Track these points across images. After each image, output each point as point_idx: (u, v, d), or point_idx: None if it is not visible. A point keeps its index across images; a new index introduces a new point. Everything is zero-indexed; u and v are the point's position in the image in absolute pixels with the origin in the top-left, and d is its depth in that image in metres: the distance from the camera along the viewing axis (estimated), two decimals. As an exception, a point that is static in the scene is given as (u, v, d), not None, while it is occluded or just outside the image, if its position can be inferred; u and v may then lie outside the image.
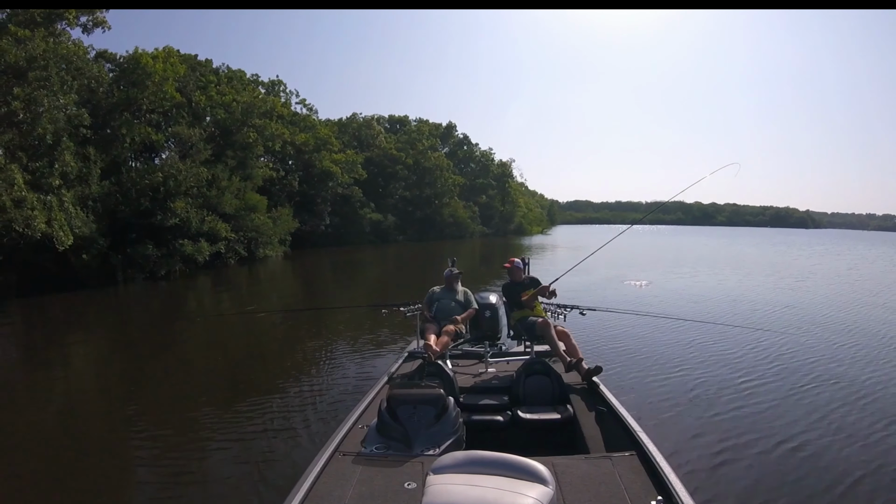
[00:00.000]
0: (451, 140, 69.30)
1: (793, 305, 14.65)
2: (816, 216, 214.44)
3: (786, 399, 6.89)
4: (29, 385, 8.75)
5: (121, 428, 6.42)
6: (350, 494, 2.94)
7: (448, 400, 3.74)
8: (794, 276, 23.50)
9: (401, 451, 3.43)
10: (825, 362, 8.65)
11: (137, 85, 21.90)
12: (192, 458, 5.51)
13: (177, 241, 22.27)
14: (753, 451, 5.34)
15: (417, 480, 3.00)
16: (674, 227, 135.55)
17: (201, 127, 26.75)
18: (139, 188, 21.67)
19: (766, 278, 22.36)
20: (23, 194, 15.28)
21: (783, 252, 42.15)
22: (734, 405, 6.63)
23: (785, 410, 6.49)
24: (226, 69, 34.91)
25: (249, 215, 28.32)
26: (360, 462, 3.33)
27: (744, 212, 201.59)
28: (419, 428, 3.54)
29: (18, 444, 5.99)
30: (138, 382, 8.42)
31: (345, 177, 42.78)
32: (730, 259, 34.05)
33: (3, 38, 16.02)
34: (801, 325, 11.80)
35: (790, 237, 78.55)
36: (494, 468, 2.22)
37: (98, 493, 4.87)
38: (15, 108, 15.50)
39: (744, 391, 7.17)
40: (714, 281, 20.77)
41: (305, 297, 19.47)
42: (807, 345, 9.87)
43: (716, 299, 15.67)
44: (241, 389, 7.75)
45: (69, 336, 12.51)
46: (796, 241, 66.22)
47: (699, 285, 19.19)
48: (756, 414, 6.36)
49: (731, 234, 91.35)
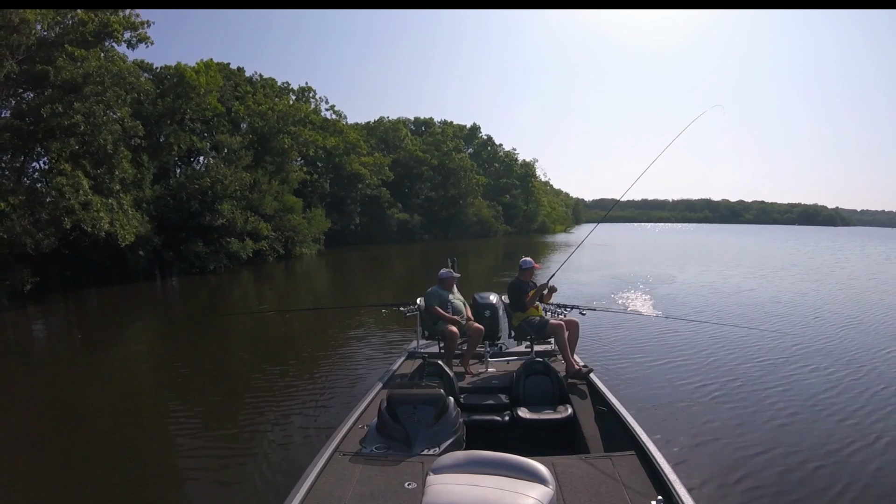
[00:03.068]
0: (475, 141, 69.70)
1: (798, 305, 14.18)
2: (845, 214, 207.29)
3: (787, 399, 6.70)
4: (92, 364, 9.61)
5: (120, 426, 6.36)
6: (350, 494, 2.92)
7: (448, 400, 3.72)
8: (801, 274, 22.60)
9: (401, 451, 3.40)
10: (829, 364, 8.31)
11: (182, 97, 23.18)
12: (191, 458, 5.40)
13: (223, 239, 23.72)
14: (754, 450, 5.23)
15: (417, 480, 2.99)
16: (699, 226, 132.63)
17: (240, 134, 28.46)
18: (189, 192, 23.22)
19: (772, 275, 21.79)
20: (89, 198, 16.58)
21: (798, 251, 40.59)
22: (734, 405, 6.49)
23: (786, 411, 6.31)
24: (258, 77, 36.36)
25: (287, 216, 29.59)
26: (360, 462, 3.29)
27: (771, 210, 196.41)
28: (419, 428, 3.52)
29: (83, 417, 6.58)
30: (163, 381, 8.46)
31: (373, 179, 43.83)
32: (740, 257, 33.06)
33: (60, 56, 17.27)
34: (803, 326, 11.38)
35: (816, 235, 75.85)
36: (494, 468, 2.21)
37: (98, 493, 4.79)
38: (77, 121, 16.69)
39: (744, 391, 7.00)
40: (719, 279, 20.15)
41: (335, 291, 20.33)
42: (810, 345, 9.54)
43: (719, 299, 15.23)
44: (240, 388, 7.63)
45: (123, 324, 13.61)
46: (816, 238, 64.05)
47: (704, 284, 18.61)
48: (756, 414, 6.21)
49: (757, 232, 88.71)
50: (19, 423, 6.57)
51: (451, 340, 5.58)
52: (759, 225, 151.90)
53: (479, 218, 59.88)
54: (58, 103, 16.64)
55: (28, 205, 15.82)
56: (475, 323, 5.85)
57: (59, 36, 17.91)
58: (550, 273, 6.12)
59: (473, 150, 69.06)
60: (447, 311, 5.89)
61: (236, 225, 24.53)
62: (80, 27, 18.22)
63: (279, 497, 3.04)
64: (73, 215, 16.03)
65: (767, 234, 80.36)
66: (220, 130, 27.58)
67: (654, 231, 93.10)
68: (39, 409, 7.10)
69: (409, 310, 6.28)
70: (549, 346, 6.11)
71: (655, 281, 18.99)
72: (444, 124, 64.92)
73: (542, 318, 5.80)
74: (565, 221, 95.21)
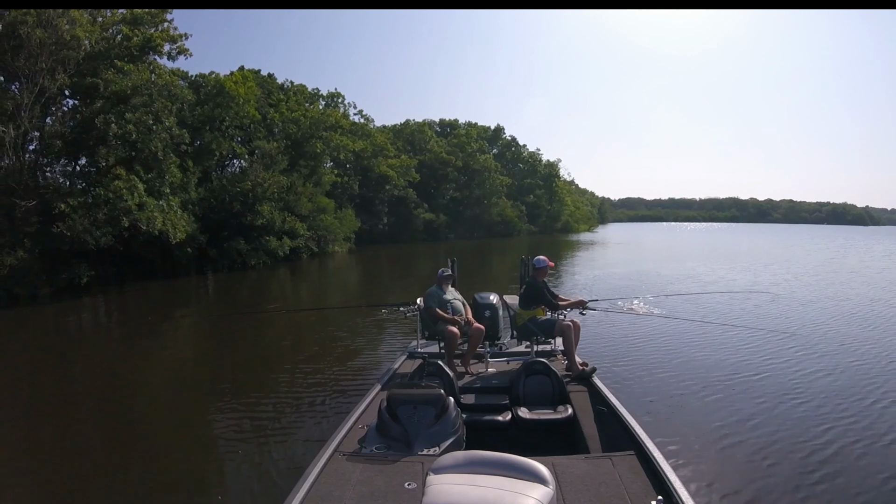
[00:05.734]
0: (499, 142, 69.81)
1: (803, 305, 13.70)
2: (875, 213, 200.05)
3: (788, 400, 6.54)
4: (144, 349, 10.39)
5: (120, 426, 6.33)
6: (350, 494, 2.88)
7: (448, 400, 3.68)
8: (812, 273, 21.94)
9: (401, 451, 3.37)
10: (834, 366, 8.03)
11: (221, 106, 24.61)
12: (190, 458, 5.34)
13: (263, 237, 25.08)
14: (754, 450, 5.13)
15: (417, 480, 2.96)
16: (727, 225, 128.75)
17: (275, 139, 29.69)
18: (232, 194, 24.72)
19: (781, 275, 20.94)
20: (143, 199, 17.90)
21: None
22: (735, 405, 6.35)
23: (787, 411, 6.17)
24: (289, 84, 37.67)
25: (320, 216, 30.88)
26: (360, 462, 3.25)
27: (800, 208, 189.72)
28: (419, 428, 3.48)
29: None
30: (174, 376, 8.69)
31: (400, 180, 44.73)
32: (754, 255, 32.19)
33: (107, 69, 18.62)
34: (804, 326, 11.03)
35: (844, 234, 72.89)
36: (494, 468, 2.19)
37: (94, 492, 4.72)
38: (129, 130, 17.94)
39: (745, 391, 6.86)
40: (725, 278, 19.70)
41: (366, 285, 21.13)
42: (813, 345, 9.24)
43: (726, 298, 14.74)
44: (239, 388, 7.56)
45: (172, 313, 14.71)
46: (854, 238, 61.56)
47: (712, 283, 18.13)
48: (756, 414, 6.07)
49: (785, 231, 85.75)
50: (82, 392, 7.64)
51: (451, 341, 5.52)
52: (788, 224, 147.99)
53: (502, 217, 60.02)
54: (110, 113, 17.88)
55: (86, 206, 17.12)
56: (476, 323, 5.80)
57: (105, 50, 19.23)
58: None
59: (498, 150, 69.13)
60: (447, 311, 5.82)
61: (275, 224, 25.90)
62: (125, 42, 19.49)
63: (279, 497, 3.00)
64: (130, 215, 17.32)
65: (801, 232, 78.04)
66: (257, 136, 28.95)
67: (686, 230, 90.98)
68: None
69: (409, 310, 6.20)
70: (548, 347, 6.04)
71: (673, 281, 18.53)
72: (468, 126, 65.20)
73: (549, 318, 5.77)
74: (589, 221, 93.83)
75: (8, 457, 5.41)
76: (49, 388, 7.92)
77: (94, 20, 19.34)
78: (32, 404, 7.26)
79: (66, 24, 17.09)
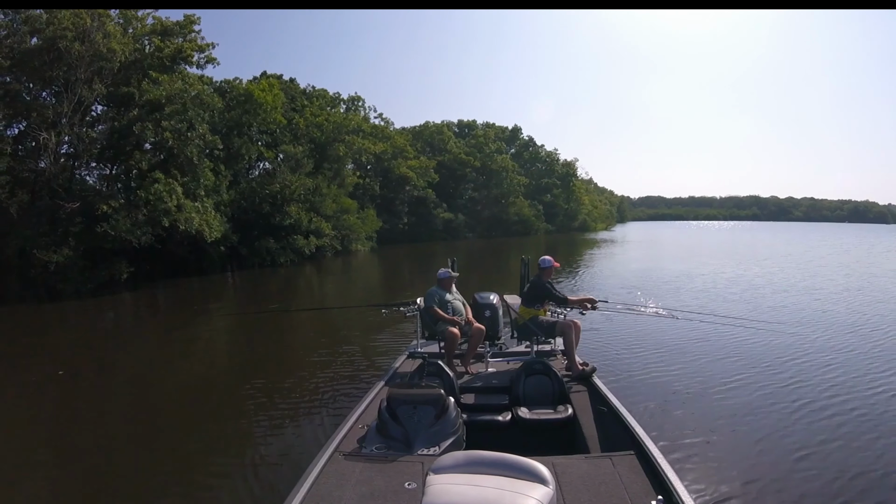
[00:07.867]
0: (516, 142, 69.70)
1: (803, 303, 13.38)
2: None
3: (788, 400, 6.37)
4: (183, 340, 10.77)
5: (120, 424, 6.34)
6: (350, 494, 2.86)
7: (448, 400, 3.65)
8: (809, 270, 21.39)
9: (401, 451, 3.34)
10: (835, 365, 7.82)
11: (249, 112, 25.48)
12: (190, 458, 5.27)
13: (290, 236, 26.01)
14: (754, 450, 5.03)
15: (417, 480, 2.93)
16: (751, 224, 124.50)
17: (299, 144, 30.52)
18: (261, 196, 25.71)
19: (779, 273, 20.59)
20: (181, 201, 18.78)
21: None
22: (735, 405, 6.22)
23: (787, 410, 6.02)
24: (311, 89, 38.64)
25: (344, 216, 31.68)
26: (360, 462, 3.22)
27: (821, 206, 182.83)
28: (419, 428, 3.46)
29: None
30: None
31: (419, 181, 45.19)
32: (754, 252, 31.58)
33: (141, 79, 19.50)
34: (805, 325, 10.65)
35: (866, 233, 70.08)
36: (494, 468, 2.17)
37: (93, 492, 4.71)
38: (166, 137, 18.82)
39: (745, 391, 6.70)
40: (729, 277, 19.11)
41: (388, 282, 21.63)
42: (816, 346, 9.00)
43: (730, 295, 14.52)
44: (239, 388, 7.45)
45: (204, 307, 15.41)
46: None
47: (713, 282, 17.73)
48: (756, 414, 5.94)
49: (805, 229, 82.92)
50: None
51: (451, 341, 5.48)
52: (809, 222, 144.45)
53: (520, 217, 59.94)
54: (147, 121, 18.75)
55: (127, 207, 18.12)
56: (476, 323, 5.75)
57: (137, 61, 20.14)
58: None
59: (515, 150, 69.02)
60: (447, 311, 5.76)
61: (301, 224, 26.81)
62: (157, 53, 20.34)
63: (279, 497, 2.98)
64: (170, 215, 18.22)
65: (829, 231, 75.27)
66: (283, 141, 29.86)
67: (713, 229, 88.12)
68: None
69: (410, 310, 6.10)
70: (548, 346, 5.97)
71: (681, 281, 18.07)
72: (486, 126, 65.30)
73: (550, 318, 5.71)
74: (607, 219, 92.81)
75: (31, 449, 5.62)
76: (83, 382, 8.21)
77: (125, 31, 20.12)
78: (64, 399, 7.41)
79: (101, 38, 17.91)
